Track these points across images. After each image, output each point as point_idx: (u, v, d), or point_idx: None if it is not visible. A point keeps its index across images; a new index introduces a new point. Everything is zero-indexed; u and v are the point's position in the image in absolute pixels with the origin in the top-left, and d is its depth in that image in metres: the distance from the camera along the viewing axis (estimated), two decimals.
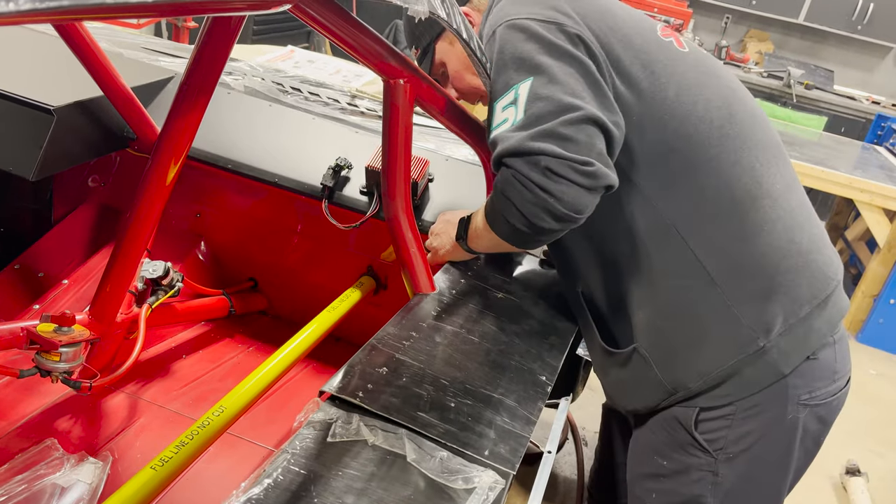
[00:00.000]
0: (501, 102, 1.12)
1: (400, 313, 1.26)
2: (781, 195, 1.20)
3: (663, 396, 1.26)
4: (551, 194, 1.04)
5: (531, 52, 1.11)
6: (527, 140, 1.04)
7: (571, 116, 1.04)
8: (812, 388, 1.20)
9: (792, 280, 1.18)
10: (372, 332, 1.19)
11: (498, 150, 1.09)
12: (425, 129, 2.08)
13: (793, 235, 1.19)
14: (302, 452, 0.89)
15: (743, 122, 1.22)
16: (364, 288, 1.77)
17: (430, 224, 1.71)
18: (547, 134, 1.04)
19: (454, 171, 1.76)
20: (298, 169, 1.75)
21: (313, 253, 1.95)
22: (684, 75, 1.20)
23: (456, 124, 1.38)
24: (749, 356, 1.17)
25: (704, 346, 1.20)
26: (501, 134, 1.09)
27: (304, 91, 2.04)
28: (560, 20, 1.14)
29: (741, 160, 1.19)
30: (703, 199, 1.18)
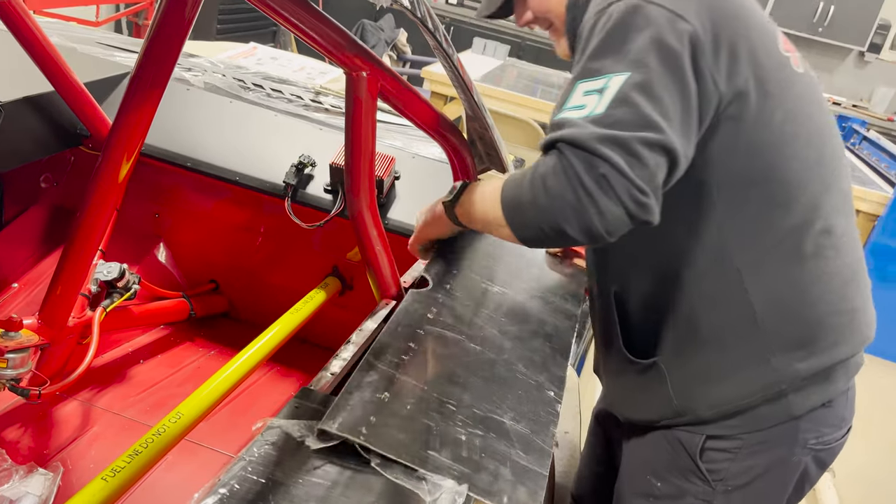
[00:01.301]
0: (586, 85, 0.99)
1: (395, 318, 1.15)
2: (845, 247, 1.15)
3: (669, 415, 1.22)
4: (596, 205, 0.93)
5: (642, 49, 0.97)
6: (596, 139, 0.93)
7: (650, 137, 0.94)
8: (820, 434, 1.18)
9: (834, 337, 1.14)
10: (337, 333, 1.15)
11: (560, 133, 0.97)
12: (392, 126, 2.04)
13: (846, 291, 1.15)
14: (260, 459, 0.85)
15: (831, 164, 1.15)
16: (329, 289, 1.73)
17: (396, 223, 1.68)
18: (619, 143, 0.93)
19: (421, 169, 1.73)
20: (260, 167, 1.70)
21: (277, 253, 1.90)
22: (795, 101, 1.10)
23: (422, 119, 1.35)
24: (768, 396, 1.14)
25: (726, 380, 1.16)
26: (572, 119, 0.97)
27: (266, 88, 2.00)
28: (690, 20, 0.99)
29: (821, 206, 1.12)
30: (773, 237, 1.11)
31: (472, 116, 1.49)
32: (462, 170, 1.52)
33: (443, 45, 1.13)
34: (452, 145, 1.46)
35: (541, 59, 5.73)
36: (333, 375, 1.07)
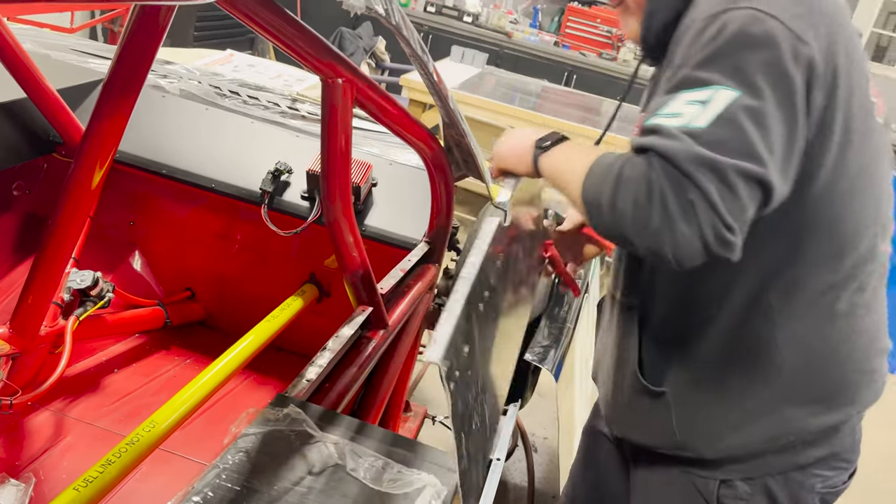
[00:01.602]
0: (689, 95, 0.91)
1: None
2: (874, 305, 1.13)
3: (668, 446, 1.19)
4: (674, 231, 0.86)
5: (757, 69, 0.89)
6: (691, 160, 0.86)
7: (750, 169, 0.87)
8: (826, 479, 1.16)
9: (852, 394, 1.13)
10: (314, 341, 1.15)
11: (655, 141, 0.89)
12: (370, 134, 2.05)
13: (870, 351, 1.13)
14: (234, 466, 0.85)
15: (884, 223, 1.11)
16: (306, 296, 1.72)
17: (373, 229, 1.68)
18: (715, 169, 0.85)
19: (398, 176, 1.74)
20: (237, 174, 1.69)
21: (253, 260, 1.89)
22: (871, 153, 1.05)
23: (398, 126, 1.36)
24: (775, 447, 1.12)
25: (734, 425, 1.13)
26: (668, 128, 0.89)
27: (242, 95, 1.99)
28: (810, 42, 0.91)
29: (864, 265, 1.08)
30: (815, 291, 1.06)
31: (448, 124, 1.50)
32: (438, 176, 1.53)
33: (418, 52, 1.13)
34: (429, 152, 1.47)
35: (519, 68, 5.76)
36: (309, 382, 1.07)
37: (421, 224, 1.66)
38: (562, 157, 1.10)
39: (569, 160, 1.07)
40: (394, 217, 1.69)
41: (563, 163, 1.09)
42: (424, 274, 1.58)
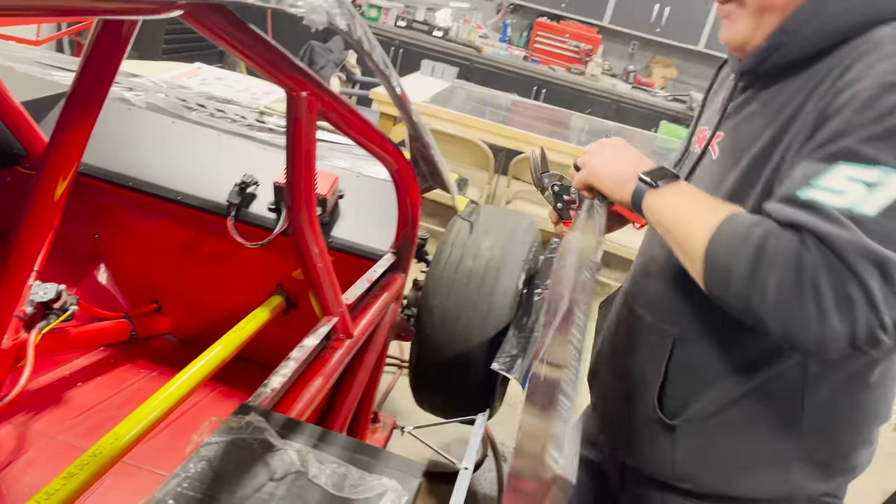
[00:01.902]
0: (852, 170, 0.82)
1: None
2: (894, 374, 1.09)
3: (664, 475, 1.16)
4: (824, 325, 0.79)
5: None
6: (857, 251, 0.78)
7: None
8: None
9: (854, 461, 1.11)
10: (281, 352, 1.16)
11: (813, 220, 0.81)
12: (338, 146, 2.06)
13: (878, 420, 1.11)
14: (196, 475, 0.85)
15: None
16: (273, 307, 1.72)
17: (340, 241, 1.70)
18: (882, 264, 0.78)
19: (365, 188, 1.75)
20: (203, 186, 1.70)
21: (220, 272, 1.89)
22: None
23: (363, 138, 1.38)
24: (779, 499, 1.11)
25: (746, 471, 1.09)
26: (830, 208, 0.80)
27: (209, 107, 2.00)
28: None
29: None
30: (855, 365, 1.02)
31: (414, 136, 1.52)
32: (404, 188, 1.55)
33: (381, 66, 1.16)
34: (394, 164, 1.49)
35: (489, 82, 5.82)
36: (273, 391, 1.07)
37: (388, 235, 1.68)
38: (677, 203, 0.97)
39: (686, 208, 0.95)
40: (360, 228, 1.71)
41: (679, 209, 0.96)
42: (391, 284, 1.60)
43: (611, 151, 1.10)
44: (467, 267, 1.97)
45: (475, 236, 2.01)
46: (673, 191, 0.98)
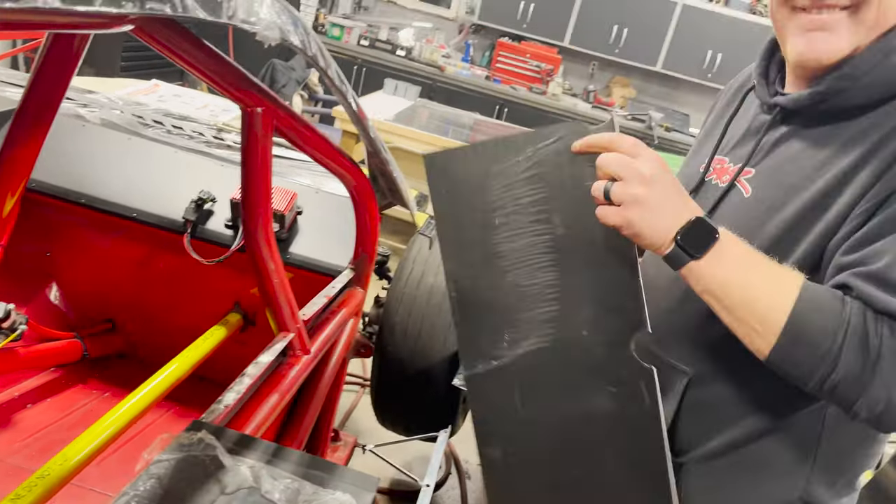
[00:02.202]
0: None
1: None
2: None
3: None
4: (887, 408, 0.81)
5: None
6: None
7: None
8: None
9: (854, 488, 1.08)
10: (238, 370, 1.14)
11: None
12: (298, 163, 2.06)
13: (865, 469, 1.09)
14: (146, 493, 0.84)
15: None
16: (230, 325, 1.71)
17: (298, 257, 1.69)
18: None
19: (324, 204, 1.75)
20: (159, 203, 1.68)
21: (176, 290, 1.86)
22: None
23: (319, 154, 1.38)
24: None
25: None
26: None
27: (166, 124, 1.98)
28: None
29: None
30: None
31: (371, 153, 1.53)
32: (362, 204, 1.56)
33: (336, 83, 1.17)
34: (352, 180, 1.50)
35: (451, 101, 5.87)
36: (227, 407, 1.06)
37: (347, 251, 1.68)
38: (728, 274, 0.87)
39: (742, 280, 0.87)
40: (319, 245, 1.70)
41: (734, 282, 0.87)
42: (349, 300, 1.60)
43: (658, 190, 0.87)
44: (428, 283, 1.98)
45: (436, 252, 2.02)
46: (718, 258, 0.86)
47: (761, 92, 1.04)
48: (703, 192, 1.09)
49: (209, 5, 0.74)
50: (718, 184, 1.07)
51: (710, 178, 1.09)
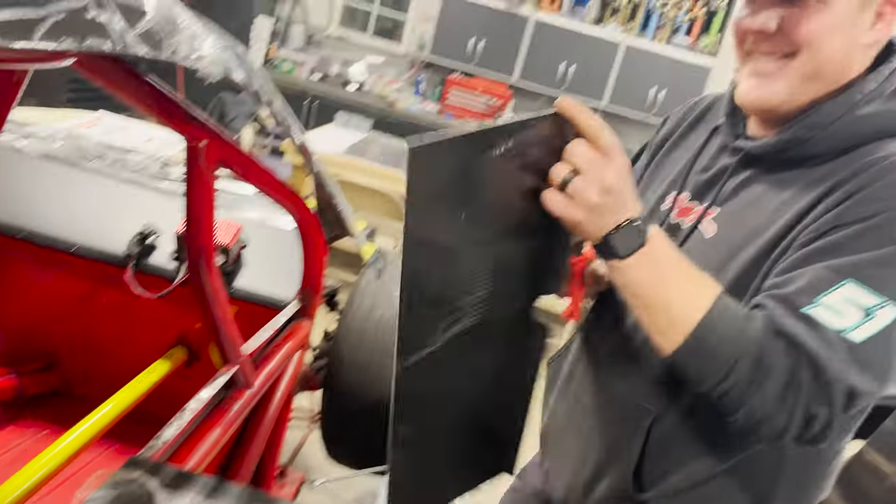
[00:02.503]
0: (854, 291, 0.84)
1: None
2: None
3: None
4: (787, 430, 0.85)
5: None
6: (842, 381, 0.82)
7: (876, 393, 0.85)
8: None
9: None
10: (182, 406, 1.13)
11: (809, 341, 0.83)
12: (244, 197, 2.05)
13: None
14: None
15: None
16: (174, 360, 1.68)
17: (244, 291, 1.68)
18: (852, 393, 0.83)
19: (269, 237, 1.75)
20: (101, 236, 1.65)
21: (118, 325, 1.83)
22: None
23: (265, 186, 1.39)
24: None
25: None
26: (827, 330, 0.83)
27: (110, 157, 1.96)
28: None
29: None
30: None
31: (318, 185, 1.54)
32: (308, 236, 1.56)
33: (280, 117, 1.18)
34: (297, 212, 1.50)
35: (403, 134, 5.92)
36: (166, 443, 1.05)
37: (293, 284, 1.68)
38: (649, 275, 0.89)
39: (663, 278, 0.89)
40: (265, 277, 1.70)
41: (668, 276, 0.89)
42: (295, 333, 1.59)
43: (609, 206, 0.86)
44: (378, 315, 1.98)
45: (386, 284, 2.03)
46: (643, 260, 0.88)
47: (727, 132, 1.07)
48: (668, 233, 1.06)
49: (151, 42, 0.75)
50: (682, 224, 1.08)
51: (674, 219, 1.10)
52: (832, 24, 0.90)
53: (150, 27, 0.75)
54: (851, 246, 0.85)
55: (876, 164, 0.89)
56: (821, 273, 0.85)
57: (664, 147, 1.21)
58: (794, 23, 0.91)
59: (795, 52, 0.92)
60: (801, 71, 0.92)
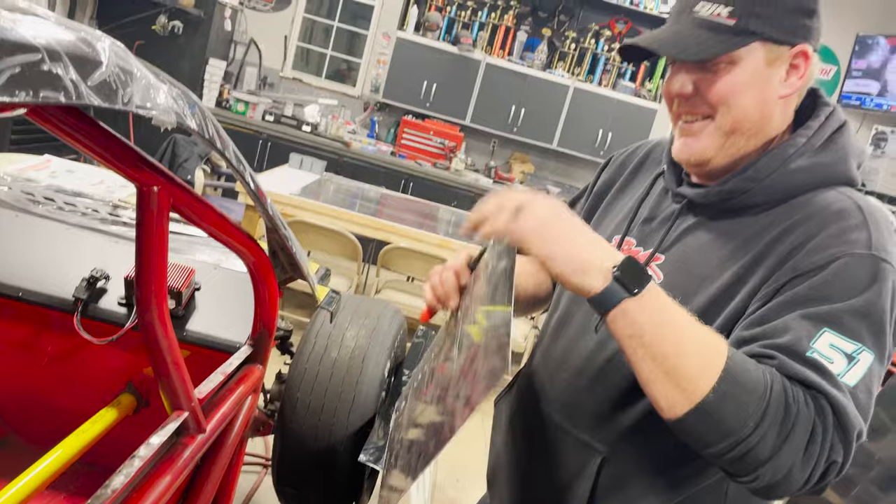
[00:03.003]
0: (835, 339, 0.85)
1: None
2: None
3: None
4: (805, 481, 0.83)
5: (889, 330, 0.89)
6: (854, 424, 0.83)
7: (864, 431, 0.86)
8: None
9: None
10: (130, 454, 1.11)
11: (827, 387, 0.83)
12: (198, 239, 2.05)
13: None
14: None
15: None
16: (122, 406, 1.64)
17: (195, 334, 1.67)
18: (859, 436, 0.85)
19: (224, 280, 1.75)
20: (48, 281, 1.63)
21: (66, 372, 1.79)
22: None
23: (217, 230, 1.39)
24: None
25: None
26: (835, 377, 0.84)
27: (58, 201, 1.94)
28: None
29: None
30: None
31: (270, 228, 1.55)
32: (261, 279, 1.57)
33: (233, 162, 1.20)
34: (250, 255, 1.51)
35: (358, 175, 5.97)
36: (114, 492, 1.03)
37: (246, 327, 1.67)
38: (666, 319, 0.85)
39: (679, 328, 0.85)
40: (217, 321, 1.69)
41: (671, 328, 0.85)
42: (248, 377, 1.58)
43: (552, 216, 0.88)
44: (332, 357, 1.98)
45: (339, 326, 2.03)
46: (656, 301, 0.85)
47: (670, 180, 1.11)
48: None
49: (104, 92, 0.77)
50: None
51: None
52: (742, 83, 0.96)
53: (104, 78, 0.77)
54: (817, 296, 0.88)
55: (816, 215, 0.94)
56: (800, 322, 0.87)
57: (610, 192, 1.25)
58: (707, 85, 0.97)
59: (713, 112, 0.98)
60: (722, 129, 0.98)
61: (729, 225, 1.01)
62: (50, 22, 0.72)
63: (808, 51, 0.97)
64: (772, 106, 0.99)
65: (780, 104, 1.00)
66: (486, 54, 6.56)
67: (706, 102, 0.98)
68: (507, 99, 6.52)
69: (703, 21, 0.96)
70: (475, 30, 6.73)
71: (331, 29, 7.05)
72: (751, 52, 0.95)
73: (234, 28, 6.66)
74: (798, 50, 0.97)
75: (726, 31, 0.95)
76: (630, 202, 1.18)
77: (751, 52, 0.95)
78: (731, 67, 0.96)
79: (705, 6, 0.96)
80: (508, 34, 6.70)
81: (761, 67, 0.96)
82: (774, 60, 0.97)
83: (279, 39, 6.90)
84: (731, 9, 0.95)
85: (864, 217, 0.93)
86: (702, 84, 0.97)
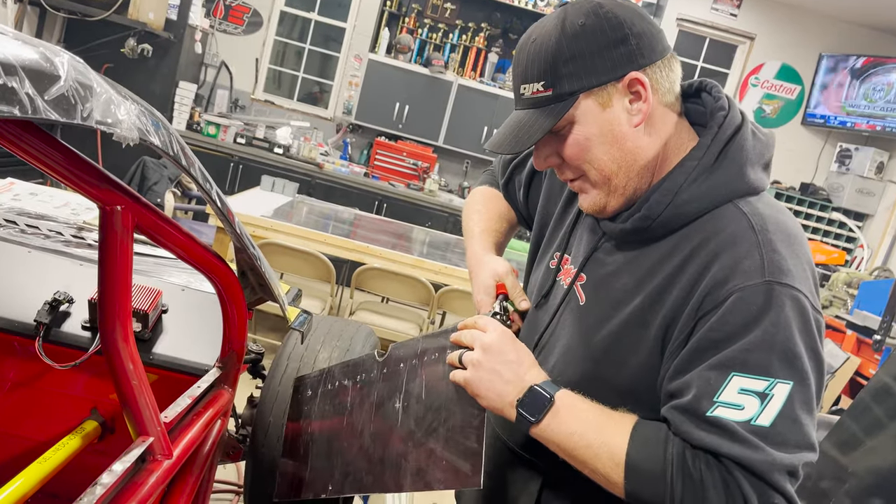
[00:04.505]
0: (743, 381, 0.88)
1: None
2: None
3: None
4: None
5: (802, 352, 0.90)
6: (774, 469, 0.86)
7: (810, 458, 0.88)
8: None
9: None
10: None
11: (728, 446, 0.87)
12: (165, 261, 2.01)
13: None
14: None
15: None
16: (86, 433, 1.59)
17: (162, 357, 1.63)
18: (792, 471, 0.88)
19: (191, 301, 1.71)
20: (8, 305, 1.58)
21: (27, 398, 1.73)
22: None
23: (184, 251, 1.36)
24: None
25: None
26: (736, 428, 0.87)
27: (20, 223, 1.89)
28: (820, 311, 0.95)
29: None
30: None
31: (239, 248, 1.53)
32: (229, 300, 1.54)
33: (200, 181, 1.18)
34: (218, 277, 1.48)
35: (331, 197, 5.95)
36: None
37: (215, 349, 1.64)
38: (566, 433, 0.98)
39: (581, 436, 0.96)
40: (185, 344, 1.65)
41: (577, 438, 0.97)
42: (216, 400, 1.55)
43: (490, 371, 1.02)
44: None
45: (312, 348, 2.00)
46: (560, 416, 0.98)
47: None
48: (554, 293, 1.19)
49: (62, 107, 0.75)
50: (563, 285, 1.16)
51: (559, 279, 1.19)
52: (587, 137, 1.01)
53: (62, 92, 0.75)
54: (720, 337, 0.91)
55: (711, 240, 0.96)
56: (706, 374, 0.90)
57: (563, 195, 1.28)
58: (563, 150, 1.04)
59: (580, 171, 1.05)
60: (596, 182, 1.05)
61: (639, 252, 1.05)
62: (7, 37, 0.70)
63: (638, 76, 0.98)
64: (632, 139, 1.01)
65: (641, 130, 1.01)
66: (457, 76, 6.61)
67: (570, 167, 1.05)
68: (480, 119, 6.56)
69: (530, 100, 1.02)
70: (447, 51, 6.79)
71: (303, 51, 7.06)
72: (580, 108, 1.00)
73: (204, 51, 6.63)
74: (628, 80, 0.98)
75: (549, 102, 1.00)
76: (569, 218, 1.23)
77: (580, 107, 1.00)
78: (572, 128, 1.01)
79: (527, 87, 1.02)
80: (480, 56, 6.76)
81: (598, 114, 1.00)
82: (608, 101, 0.99)
83: (250, 62, 6.89)
84: (542, 82, 1.00)
85: (756, 238, 0.93)
86: (561, 150, 1.04)
